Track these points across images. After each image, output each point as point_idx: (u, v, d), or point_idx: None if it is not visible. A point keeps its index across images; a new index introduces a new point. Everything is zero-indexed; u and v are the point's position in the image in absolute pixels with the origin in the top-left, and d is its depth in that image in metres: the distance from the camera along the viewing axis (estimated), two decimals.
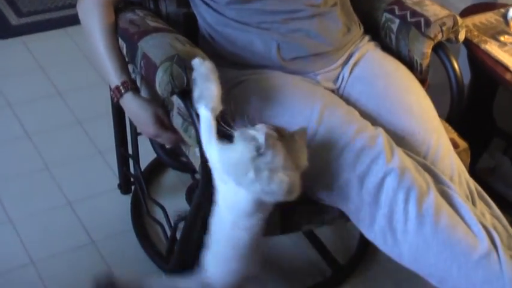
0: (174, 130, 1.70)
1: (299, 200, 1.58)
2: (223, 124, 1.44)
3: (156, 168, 2.32)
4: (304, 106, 1.61)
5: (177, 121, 1.69)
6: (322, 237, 2.16)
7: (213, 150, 1.46)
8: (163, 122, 1.70)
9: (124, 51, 1.68)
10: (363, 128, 1.56)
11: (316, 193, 1.59)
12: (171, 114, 1.70)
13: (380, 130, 1.57)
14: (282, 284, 2.04)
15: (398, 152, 1.54)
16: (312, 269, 2.10)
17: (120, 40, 1.68)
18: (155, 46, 1.58)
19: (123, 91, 1.68)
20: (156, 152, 1.96)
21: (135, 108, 1.70)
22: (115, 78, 1.69)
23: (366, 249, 2.17)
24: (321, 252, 2.12)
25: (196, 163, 1.68)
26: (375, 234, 1.52)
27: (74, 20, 1.88)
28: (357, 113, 1.64)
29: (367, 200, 1.50)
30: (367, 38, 1.88)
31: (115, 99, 1.71)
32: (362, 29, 1.88)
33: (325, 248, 2.13)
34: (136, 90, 1.71)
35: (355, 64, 1.80)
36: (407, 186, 1.48)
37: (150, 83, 1.59)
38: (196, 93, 1.48)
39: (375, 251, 2.16)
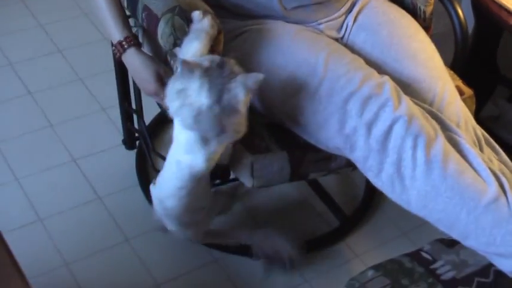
0: None
1: (307, 147, 1.60)
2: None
3: (160, 123, 2.31)
4: (308, 55, 1.59)
5: None
6: (328, 189, 2.17)
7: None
8: (164, 80, 1.68)
9: (125, 3, 1.66)
10: (369, 76, 1.55)
11: (322, 142, 1.59)
12: (175, 66, 1.69)
13: (386, 78, 1.56)
14: (289, 235, 2.05)
15: (406, 99, 1.53)
16: (318, 220, 2.12)
17: None
18: None
19: (126, 46, 1.66)
20: (160, 108, 1.96)
21: (137, 64, 1.67)
22: (117, 34, 1.66)
23: (371, 200, 2.19)
24: (327, 203, 2.14)
25: None
26: (383, 182, 1.52)
27: None
28: (362, 61, 1.62)
29: (374, 147, 1.49)
30: None
31: (117, 54, 1.68)
32: None
33: (331, 199, 2.14)
34: (138, 46, 1.68)
35: (358, 12, 1.78)
36: (415, 133, 1.47)
37: (152, 35, 1.58)
38: (181, 47, 1.49)
39: (380, 201, 2.19)
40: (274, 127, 1.66)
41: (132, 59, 1.67)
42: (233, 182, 1.95)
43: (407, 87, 1.63)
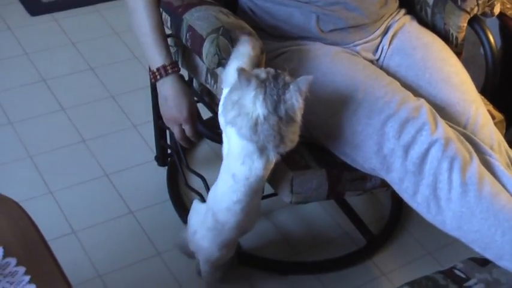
0: (195, 125, 1.73)
1: (344, 166, 1.64)
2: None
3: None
4: (347, 77, 1.63)
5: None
6: (355, 208, 2.19)
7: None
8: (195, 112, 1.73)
9: (168, 23, 1.70)
10: (406, 99, 1.59)
11: (358, 162, 1.62)
12: (215, 86, 1.74)
13: (422, 101, 1.59)
14: (316, 253, 2.08)
15: (442, 122, 1.56)
16: (345, 238, 2.14)
17: (163, 13, 1.71)
18: (200, 18, 1.61)
19: (169, 71, 1.70)
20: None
21: (177, 89, 1.71)
22: (160, 59, 1.70)
23: (398, 220, 2.21)
24: (355, 222, 2.16)
25: None
26: (418, 203, 1.55)
27: None
28: (398, 84, 1.66)
29: (411, 169, 1.52)
30: (403, 11, 1.90)
31: (157, 77, 1.71)
32: (397, 2, 1.90)
33: (358, 218, 2.16)
34: (180, 74, 1.72)
35: (393, 36, 1.83)
36: (451, 155, 1.50)
37: (196, 55, 1.62)
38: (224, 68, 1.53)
39: (407, 221, 2.21)
40: (313, 146, 1.70)
41: (173, 85, 1.71)
42: (266, 198, 1.98)
43: (441, 110, 1.66)
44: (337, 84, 1.63)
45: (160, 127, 2.15)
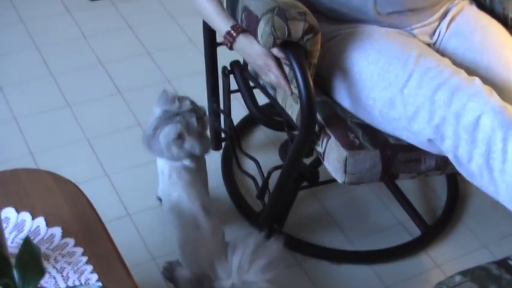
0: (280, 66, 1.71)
1: (398, 147, 1.63)
2: None
3: (247, 125, 2.36)
4: (400, 52, 1.63)
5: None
6: (409, 198, 2.17)
7: None
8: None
9: (224, 4, 1.71)
10: (459, 71, 1.57)
11: (413, 135, 1.60)
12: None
13: (476, 78, 1.57)
14: (370, 242, 2.07)
15: (496, 95, 1.53)
16: (399, 228, 2.12)
17: None
18: None
19: (234, 34, 1.70)
20: (248, 109, 2.00)
21: (249, 44, 1.69)
22: (224, 25, 1.72)
23: (453, 211, 2.18)
24: (409, 212, 2.14)
25: (294, 117, 1.71)
26: (472, 172, 1.53)
27: None
28: (450, 62, 1.64)
29: (463, 136, 1.50)
30: None
31: (228, 44, 1.73)
32: None
33: (413, 208, 2.14)
34: (246, 31, 1.71)
35: (451, 19, 1.80)
36: (506, 125, 1.47)
37: (252, 35, 1.62)
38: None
39: (462, 212, 2.18)
40: (367, 127, 1.69)
41: (245, 41, 1.70)
42: (321, 185, 1.98)
43: (499, 94, 1.62)
44: (389, 58, 1.62)
45: (215, 111, 2.16)
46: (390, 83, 1.60)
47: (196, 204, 1.75)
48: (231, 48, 1.74)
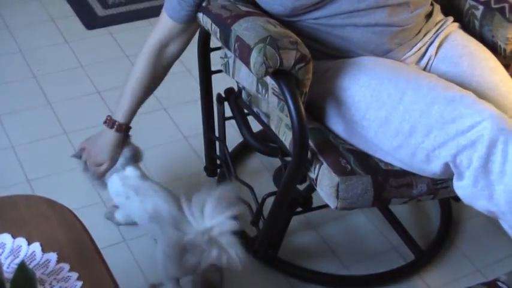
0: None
1: (389, 173, 1.65)
2: None
3: (241, 153, 2.39)
4: (389, 73, 1.66)
5: (272, 101, 1.74)
6: (403, 222, 2.19)
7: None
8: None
9: (217, 35, 1.74)
10: (451, 85, 1.61)
11: (411, 151, 1.61)
12: (266, 95, 1.76)
13: (470, 92, 1.60)
14: (364, 267, 2.08)
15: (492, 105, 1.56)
16: (393, 253, 2.14)
17: (213, 25, 1.74)
18: (248, 29, 1.63)
19: (115, 128, 1.95)
20: (243, 136, 2.02)
21: (108, 142, 1.96)
22: (120, 115, 1.95)
23: (446, 235, 2.20)
24: (403, 237, 2.15)
25: (288, 144, 1.74)
26: (466, 182, 1.54)
27: (157, 12, 1.95)
28: (439, 78, 1.68)
29: (462, 143, 1.52)
30: (450, 19, 1.90)
31: (106, 122, 1.96)
32: (440, 13, 1.91)
33: (406, 232, 2.16)
34: (123, 135, 1.97)
35: (440, 45, 1.83)
36: (506, 129, 1.49)
37: (244, 65, 1.66)
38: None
39: (456, 236, 2.19)
40: (358, 153, 1.71)
41: (108, 136, 1.96)
42: (315, 210, 1.99)
43: None
44: (380, 79, 1.65)
45: (210, 138, 2.19)
46: (384, 102, 1.63)
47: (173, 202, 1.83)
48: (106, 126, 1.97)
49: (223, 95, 2.07)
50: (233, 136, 2.32)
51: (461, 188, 1.57)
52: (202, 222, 1.60)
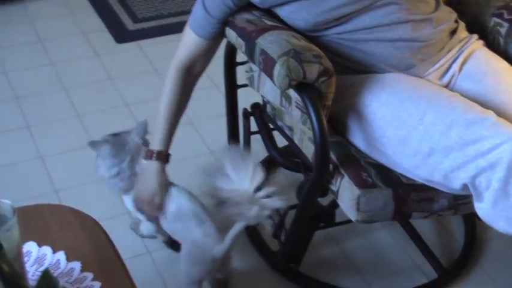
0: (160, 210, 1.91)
1: (411, 186, 1.65)
2: None
3: (265, 168, 2.38)
4: (411, 92, 1.67)
5: (295, 114, 1.76)
6: (426, 240, 2.19)
7: None
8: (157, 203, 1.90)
9: (243, 49, 1.76)
10: (473, 105, 1.61)
11: (429, 171, 1.62)
12: (290, 108, 1.78)
13: (491, 111, 1.60)
14: (387, 284, 2.08)
15: None
16: (416, 270, 2.13)
17: (238, 39, 1.77)
18: (272, 42, 1.65)
19: (154, 158, 1.90)
20: (268, 151, 2.04)
21: (152, 173, 1.90)
22: (156, 143, 1.91)
23: (470, 254, 2.18)
24: (426, 254, 2.15)
25: (310, 157, 1.75)
26: (486, 203, 1.54)
27: None
28: (462, 97, 1.67)
29: (482, 164, 1.52)
30: (475, 36, 1.90)
31: (144, 156, 1.90)
32: (464, 29, 1.92)
33: (429, 250, 2.15)
34: (164, 163, 1.92)
35: (464, 62, 1.83)
36: None
37: (268, 78, 1.67)
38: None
39: (479, 256, 2.18)
40: (380, 166, 1.72)
41: (151, 168, 1.90)
42: (337, 225, 2.00)
43: None
44: (401, 98, 1.66)
45: None
46: (404, 121, 1.64)
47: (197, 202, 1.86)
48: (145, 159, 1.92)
49: (249, 110, 2.09)
50: (258, 151, 2.33)
51: (481, 209, 1.57)
52: (245, 182, 1.63)
